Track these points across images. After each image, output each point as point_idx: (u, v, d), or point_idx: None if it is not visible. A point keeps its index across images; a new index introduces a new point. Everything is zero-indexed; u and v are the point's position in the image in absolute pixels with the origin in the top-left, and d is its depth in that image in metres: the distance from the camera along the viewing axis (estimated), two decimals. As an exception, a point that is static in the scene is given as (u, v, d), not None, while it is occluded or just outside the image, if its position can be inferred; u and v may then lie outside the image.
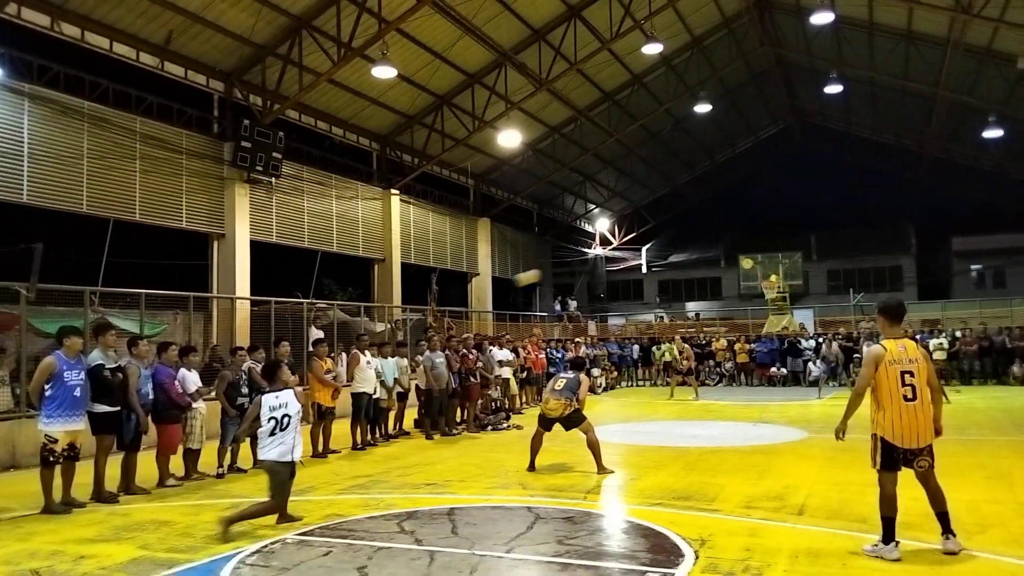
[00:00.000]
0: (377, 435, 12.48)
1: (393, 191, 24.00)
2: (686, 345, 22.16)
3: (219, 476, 9.37)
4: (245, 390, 9.65)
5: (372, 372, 12.04)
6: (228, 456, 9.67)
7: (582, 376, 9.59)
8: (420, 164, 24.57)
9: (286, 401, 6.77)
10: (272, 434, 6.69)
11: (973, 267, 36.90)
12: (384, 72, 17.78)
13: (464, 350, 14.29)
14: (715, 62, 27.27)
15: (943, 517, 5.51)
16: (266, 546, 6.10)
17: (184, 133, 17.36)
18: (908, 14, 21.50)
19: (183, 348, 9.71)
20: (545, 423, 9.44)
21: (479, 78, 22.67)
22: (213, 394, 9.94)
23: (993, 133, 26.10)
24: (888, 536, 5.45)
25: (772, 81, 32.13)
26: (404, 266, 24.45)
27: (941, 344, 21.97)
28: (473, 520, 6.94)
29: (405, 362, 13.53)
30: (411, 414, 14.08)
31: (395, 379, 12.79)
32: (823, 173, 37.88)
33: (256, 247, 18.95)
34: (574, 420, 9.26)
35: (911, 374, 5.46)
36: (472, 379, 14.08)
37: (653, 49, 21.41)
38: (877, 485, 5.55)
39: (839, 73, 26.23)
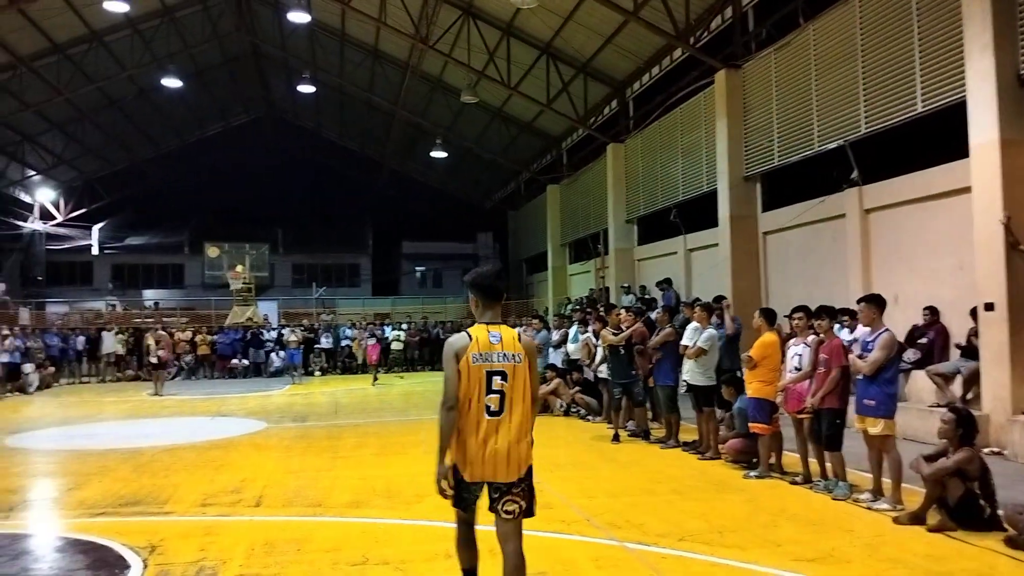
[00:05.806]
0: None
1: None
2: (163, 334, 20.51)
3: None
4: None
5: None
6: None
7: None
8: None
9: None
10: None
11: (418, 268, 42.00)
12: None
13: None
14: (187, 38, 25.72)
15: None
16: None
17: None
18: (376, 32, 23.41)
19: None
20: None
21: None
22: None
23: (439, 154, 30.04)
24: None
25: (247, 70, 31.75)
26: None
27: (399, 336, 24.67)
28: None
29: None
30: None
31: None
32: (293, 169, 38.82)
33: None
34: None
35: (502, 376, 3.88)
36: None
37: (117, 7, 19.24)
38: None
39: (312, 75, 27.24)
